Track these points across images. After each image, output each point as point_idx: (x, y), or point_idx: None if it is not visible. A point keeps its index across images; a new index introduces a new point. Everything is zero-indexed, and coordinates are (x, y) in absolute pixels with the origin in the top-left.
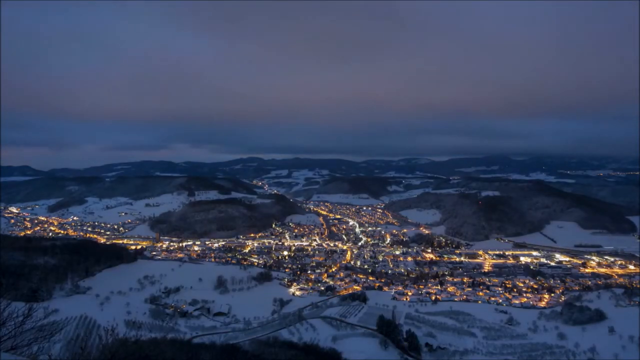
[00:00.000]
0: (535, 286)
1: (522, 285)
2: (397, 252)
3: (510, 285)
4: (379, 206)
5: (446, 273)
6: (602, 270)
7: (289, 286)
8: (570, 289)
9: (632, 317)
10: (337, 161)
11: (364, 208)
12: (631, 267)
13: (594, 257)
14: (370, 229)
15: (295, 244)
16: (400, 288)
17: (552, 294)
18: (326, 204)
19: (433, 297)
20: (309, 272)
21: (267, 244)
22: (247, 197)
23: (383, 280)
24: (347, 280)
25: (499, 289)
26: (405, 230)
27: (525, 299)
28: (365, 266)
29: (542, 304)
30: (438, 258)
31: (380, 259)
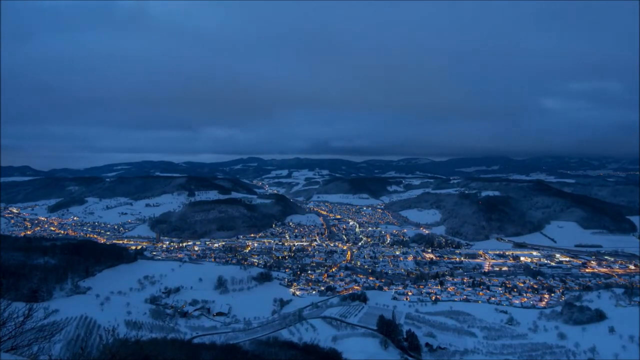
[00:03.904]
0: (536, 286)
1: (522, 285)
2: (397, 252)
3: (510, 285)
4: (379, 206)
5: (446, 273)
6: (602, 270)
7: (289, 286)
8: (570, 288)
9: (632, 317)
10: (337, 161)
11: (364, 208)
12: (631, 267)
13: (594, 257)
14: (370, 229)
15: (296, 244)
16: (400, 288)
17: (552, 294)
18: (326, 204)
19: (433, 297)
20: (309, 272)
21: (267, 244)
22: (247, 197)
23: (383, 280)
24: (347, 281)
25: (499, 289)
26: (405, 230)
27: (526, 299)
28: (366, 266)
29: (542, 304)
30: (438, 258)
31: (381, 259)
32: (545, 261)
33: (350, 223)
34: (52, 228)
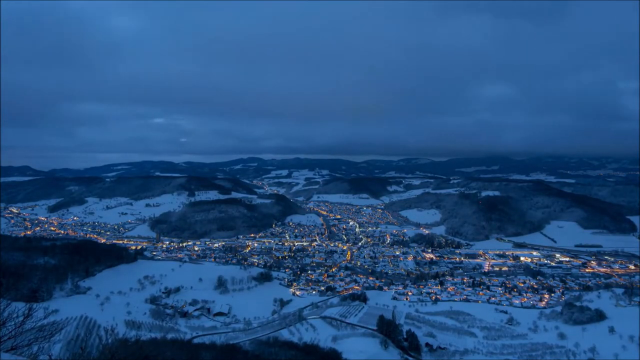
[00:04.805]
0: (536, 286)
1: (522, 285)
2: (397, 252)
3: (510, 285)
4: (379, 206)
5: (446, 273)
6: (602, 270)
7: (289, 286)
8: (570, 288)
9: (632, 317)
10: (337, 161)
11: (364, 208)
12: (631, 267)
13: (594, 257)
14: (370, 229)
15: (296, 244)
16: (400, 288)
17: (552, 294)
18: (326, 204)
19: (433, 297)
20: (309, 272)
21: (267, 244)
22: (247, 197)
23: (383, 280)
24: (347, 281)
25: (499, 289)
26: (405, 230)
27: (526, 299)
28: (366, 266)
29: (542, 303)
30: (438, 258)
31: (381, 259)
32: (545, 261)
33: (350, 223)
34: (52, 228)
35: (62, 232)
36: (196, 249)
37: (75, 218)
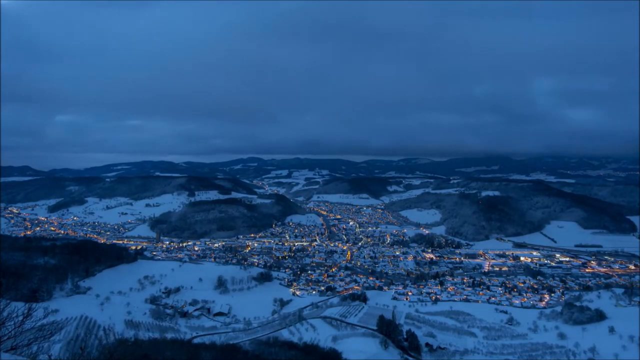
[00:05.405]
0: (536, 286)
1: (522, 285)
2: (397, 252)
3: (510, 285)
4: (379, 206)
5: (446, 273)
6: (602, 270)
7: (289, 286)
8: (570, 288)
9: (632, 317)
10: (337, 161)
11: (364, 208)
12: (631, 267)
13: (594, 257)
14: (370, 229)
15: (296, 244)
16: (400, 288)
17: (552, 294)
18: (326, 204)
19: (433, 297)
20: (309, 272)
21: (267, 244)
22: (247, 197)
23: (383, 281)
24: (347, 281)
25: (499, 289)
26: (405, 230)
27: (526, 299)
28: (366, 266)
29: (542, 304)
30: (438, 258)
31: (381, 259)
32: (545, 261)
33: (350, 223)
34: (52, 228)
35: (62, 232)
36: (196, 249)
37: (75, 218)
